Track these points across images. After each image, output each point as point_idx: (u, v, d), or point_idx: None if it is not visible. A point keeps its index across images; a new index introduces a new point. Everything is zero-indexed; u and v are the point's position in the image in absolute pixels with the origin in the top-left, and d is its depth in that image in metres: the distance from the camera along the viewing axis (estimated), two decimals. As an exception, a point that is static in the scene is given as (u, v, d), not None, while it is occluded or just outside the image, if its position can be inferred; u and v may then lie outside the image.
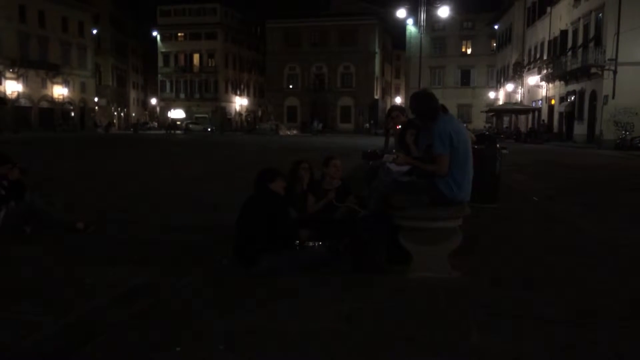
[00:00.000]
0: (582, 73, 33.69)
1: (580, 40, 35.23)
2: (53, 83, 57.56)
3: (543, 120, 41.90)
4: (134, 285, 4.12)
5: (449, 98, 53.47)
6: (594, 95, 33.29)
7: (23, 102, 54.26)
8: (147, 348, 3.05)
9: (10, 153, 6.51)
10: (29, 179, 6.33)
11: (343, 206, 5.36)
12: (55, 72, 57.02)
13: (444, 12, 32.22)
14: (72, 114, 61.03)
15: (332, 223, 5.14)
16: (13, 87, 52.53)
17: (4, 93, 51.80)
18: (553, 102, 41.23)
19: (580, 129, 35.26)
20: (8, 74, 52.09)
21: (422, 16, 32.41)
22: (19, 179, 6.12)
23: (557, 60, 38.04)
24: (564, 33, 37.89)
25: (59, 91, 58.27)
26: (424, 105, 4.52)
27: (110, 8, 72.44)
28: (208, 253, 5.14)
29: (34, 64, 54.39)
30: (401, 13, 33.29)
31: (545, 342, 3.15)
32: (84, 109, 63.12)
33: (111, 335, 3.20)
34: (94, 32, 66.00)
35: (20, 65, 52.56)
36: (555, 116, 40.72)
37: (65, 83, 59.20)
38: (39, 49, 55.57)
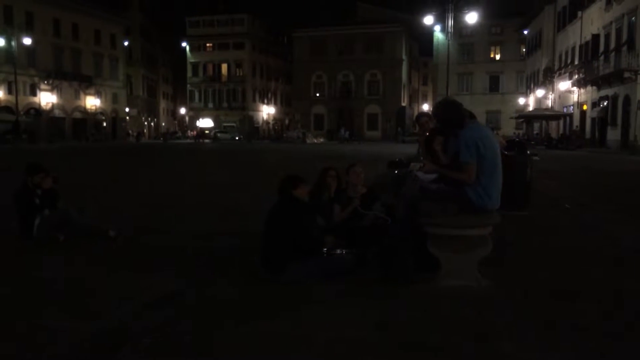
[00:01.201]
0: (615, 78, 32.98)
1: (612, 44, 34.52)
2: (86, 94, 58.95)
3: (577, 127, 40.94)
4: (164, 292, 4.17)
5: (478, 104, 52.89)
6: (627, 100, 32.52)
7: (57, 113, 55.69)
8: (175, 354, 3.08)
9: (45, 163, 6.67)
10: (61, 188, 6.49)
11: (370, 214, 5.33)
12: (88, 83, 58.42)
13: (472, 18, 31.88)
14: (104, 124, 62.38)
15: (359, 231, 5.12)
16: (48, 99, 53.97)
17: (39, 104, 53.24)
18: (585, 107, 40.41)
19: (613, 134, 34.48)
20: (43, 86, 53.55)
21: (450, 22, 32.14)
22: (52, 187, 6.28)
23: (589, 64, 37.33)
24: (595, 37, 37.20)
25: (92, 102, 59.65)
26: (448, 113, 4.47)
27: (141, 20, 73.95)
28: (235, 260, 5.17)
29: (68, 75, 55.81)
30: (428, 20, 33.03)
31: (578, 353, 3.07)
32: (115, 119, 64.44)
33: (142, 342, 3.24)
34: (125, 43, 67.44)
35: (54, 77, 53.99)
36: (588, 122, 39.90)
37: (98, 94, 60.57)
38: (72, 61, 57.02)
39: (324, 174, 5.69)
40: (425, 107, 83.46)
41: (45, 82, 53.58)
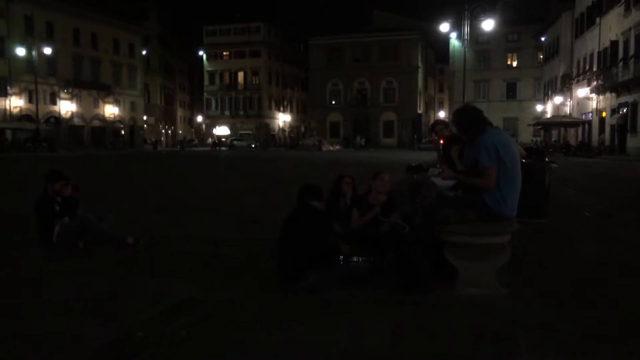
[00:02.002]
0: (635, 84, 32.57)
1: (631, 51, 34.11)
2: (104, 102, 59.78)
3: (602, 136, 39.84)
4: (181, 299, 4.19)
5: (494, 111, 52.59)
6: (647, 107, 32.11)
7: (76, 121, 56.51)
8: (193, 361, 3.10)
9: (65, 170, 6.76)
10: (81, 195, 6.56)
11: (388, 221, 5.31)
12: (106, 92, 59.27)
13: (488, 25, 31.67)
14: (122, 132, 63.14)
15: (376, 238, 5.11)
16: (67, 107, 54.83)
17: (59, 113, 54.08)
18: (604, 114, 39.93)
19: (633, 141, 34.01)
20: (63, 95, 54.41)
21: (466, 30, 32.01)
22: (72, 195, 6.36)
23: (608, 71, 36.93)
24: (614, 44, 36.82)
25: (110, 110, 60.46)
26: (468, 119, 4.45)
27: (159, 29, 74.87)
28: (252, 267, 5.18)
29: (87, 84, 56.68)
30: (444, 27, 32.89)
31: (600, 363, 3.02)
32: (133, 127, 65.18)
33: (159, 348, 3.26)
34: (144, 52, 68.29)
35: (74, 85, 54.84)
36: (607, 129, 39.41)
37: (116, 102, 61.38)
38: (91, 70, 57.90)
39: (339, 181, 5.70)
40: (442, 114, 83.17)
41: (65, 90, 54.43)
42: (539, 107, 57.72)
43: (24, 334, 3.52)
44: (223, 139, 69.88)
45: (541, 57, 60.43)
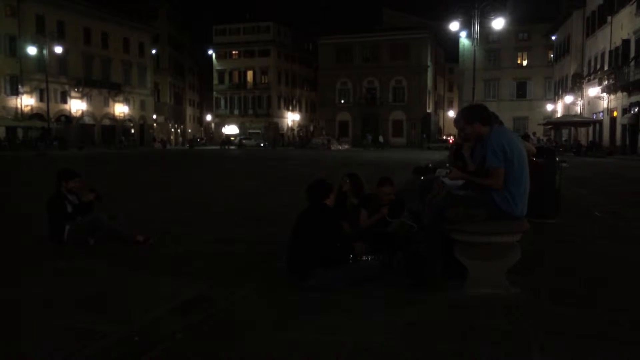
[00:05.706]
0: (647, 83, 32.29)
1: (644, 49, 33.84)
2: (115, 101, 60.13)
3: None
4: (190, 296, 4.20)
5: (504, 111, 52.26)
6: (659, 106, 31.78)
7: (87, 119, 56.93)
8: (203, 359, 3.10)
9: (77, 168, 6.81)
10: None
11: (396, 220, 5.30)
12: (116, 91, 59.63)
13: (498, 24, 31.46)
14: (132, 131, 63.46)
15: (385, 237, 5.10)
16: (78, 106, 55.21)
17: (70, 111, 54.45)
18: (615, 114, 39.61)
19: (645, 142, 33.73)
20: (73, 93, 54.79)
21: (476, 28, 31.86)
22: (92, 202, 6.37)
23: (619, 70, 36.62)
24: (626, 42, 36.50)
25: (120, 109, 60.81)
26: (474, 114, 4.43)
27: (169, 29, 75.16)
28: (262, 266, 5.19)
29: (97, 83, 57.07)
30: (454, 26, 32.70)
31: (612, 364, 3.00)
32: (143, 125, 65.52)
33: (169, 346, 3.27)
34: (153, 52, 68.59)
35: (84, 84, 55.25)
36: (618, 128, 39.10)
37: (126, 101, 61.73)
38: (102, 69, 58.29)
39: (344, 180, 5.72)
40: (451, 113, 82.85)
41: (76, 89, 54.82)
42: (549, 107, 57.35)
43: (34, 330, 3.54)
44: (232, 138, 70.08)
45: (552, 56, 60.02)
